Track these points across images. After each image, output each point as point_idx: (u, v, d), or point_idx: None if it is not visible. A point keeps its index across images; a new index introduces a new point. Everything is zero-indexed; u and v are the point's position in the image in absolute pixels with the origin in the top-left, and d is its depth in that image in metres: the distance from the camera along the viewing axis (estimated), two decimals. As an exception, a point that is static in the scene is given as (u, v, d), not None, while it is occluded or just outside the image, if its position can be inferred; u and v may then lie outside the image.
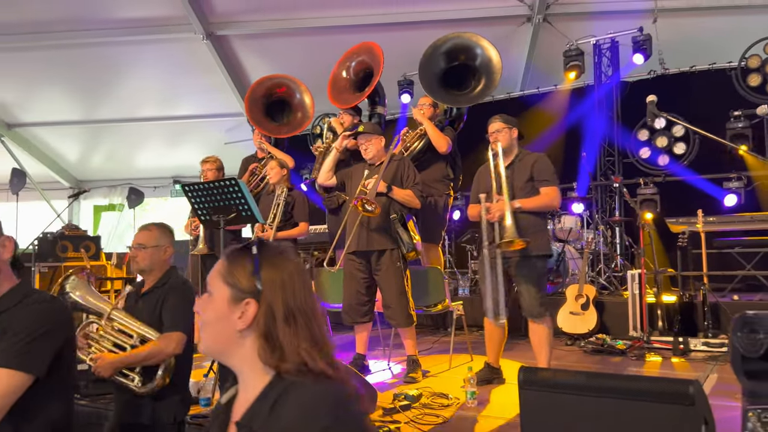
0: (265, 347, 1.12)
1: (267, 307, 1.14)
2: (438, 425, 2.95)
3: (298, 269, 1.21)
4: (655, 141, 7.13)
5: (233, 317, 1.14)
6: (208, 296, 1.20)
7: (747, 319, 1.30)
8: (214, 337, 1.17)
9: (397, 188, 4.01)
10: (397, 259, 4.01)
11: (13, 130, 10.26)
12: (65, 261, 6.37)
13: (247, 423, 1.10)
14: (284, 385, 1.10)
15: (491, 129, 3.75)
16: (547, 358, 3.60)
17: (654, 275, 5.14)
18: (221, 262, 1.21)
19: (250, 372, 1.16)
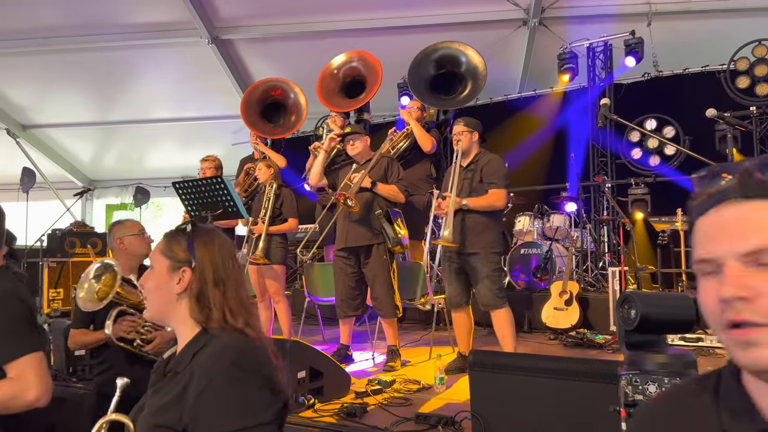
0: (195, 306, 1.37)
1: (200, 273, 1.39)
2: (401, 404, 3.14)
3: (226, 245, 1.46)
4: (646, 142, 7.25)
5: (172, 283, 1.39)
6: (150, 270, 1.45)
7: (626, 297, 1.48)
8: (157, 302, 1.41)
9: (381, 184, 4.22)
10: (383, 252, 4.20)
11: (28, 131, 10.62)
12: (72, 257, 6.64)
13: (173, 367, 1.34)
14: (207, 337, 1.34)
15: (454, 131, 3.99)
16: (512, 342, 3.78)
17: (635, 272, 5.28)
18: (161, 240, 1.47)
19: (183, 328, 1.39)
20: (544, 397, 2.37)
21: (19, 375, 1.73)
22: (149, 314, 1.45)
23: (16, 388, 1.71)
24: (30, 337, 1.80)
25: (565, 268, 5.66)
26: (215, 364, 1.26)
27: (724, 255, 0.73)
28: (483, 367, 2.54)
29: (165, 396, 1.29)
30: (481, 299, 3.83)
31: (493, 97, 8.62)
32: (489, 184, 3.84)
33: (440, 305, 4.67)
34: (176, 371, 1.32)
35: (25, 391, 1.71)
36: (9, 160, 10.48)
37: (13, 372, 1.73)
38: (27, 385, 1.72)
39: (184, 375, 1.28)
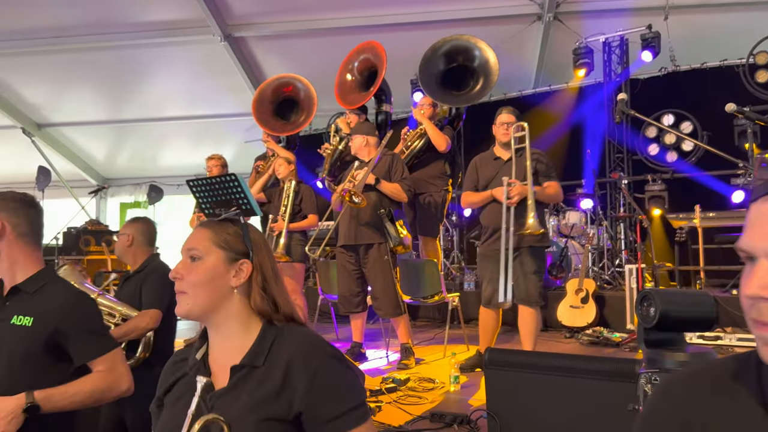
0: (262, 299, 1.32)
1: (259, 266, 1.34)
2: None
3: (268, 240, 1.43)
4: (663, 138, 7.15)
5: (228, 276, 1.32)
6: (192, 261, 1.34)
7: (645, 294, 1.44)
8: (207, 296, 1.32)
9: (384, 182, 4.18)
10: (384, 252, 4.16)
11: (43, 129, 10.70)
12: (88, 254, 6.69)
13: (249, 362, 1.28)
14: (276, 329, 1.32)
15: (503, 120, 3.89)
16: (534, 342, 3.73)
17: (652, 270, 5.21)
18: (205, 231, 1.37)
19: (235, 324, 1.33)
20: (560, 395, 2.33)
21: (111, 367, 1.86)
22: (186, 308, 1.33)
23: (112, 379, 1.85)
24: (110, 334, 1.96)
25: (581, 266, 5.59)
26: (319, 351, 1.26)
27: (757, 249, 0.71)
28: (499, 366, 2.50)
29: (257, 391, 1.25)
30: (526, 294, 3.70)
31: (507, 93, 8.56)
32: (547, 177, 3.78)
33: (454, 303, 4.63)
34: (253, 365, 1.28)
35: (118, 382, 1.85)
36: (25, 159, 10.57)
37: (103, 365, 1.85)
38: (120, 376, 1.86)
39: (274, 367, 1.26)
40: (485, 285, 3.88)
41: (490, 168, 3.86)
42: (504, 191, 3.64)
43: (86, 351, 1.84)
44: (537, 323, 3.78)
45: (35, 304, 1.83)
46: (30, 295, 1.85)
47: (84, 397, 1.78)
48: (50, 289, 1.88)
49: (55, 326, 1.80)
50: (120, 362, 1.89)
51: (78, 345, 1.83)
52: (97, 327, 1.91)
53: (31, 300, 1.84)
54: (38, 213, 1.97)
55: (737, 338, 4.50)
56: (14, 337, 1.79)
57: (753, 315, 0.71)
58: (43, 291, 1.86)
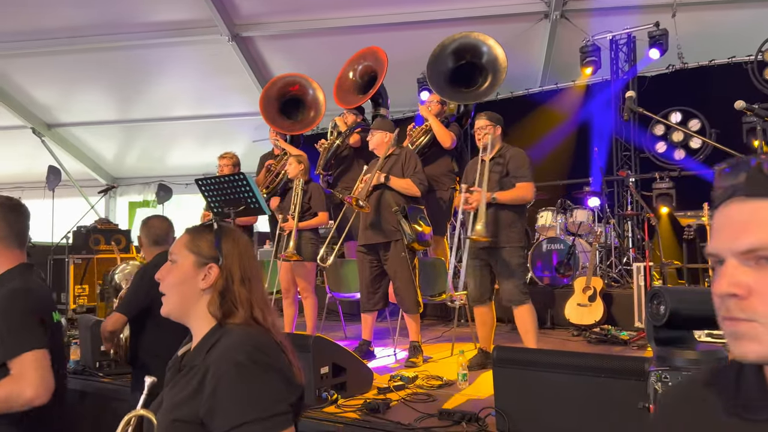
0: (217, 302, 1.38)
1: (227, 271, 1.40)
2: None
3: (249, 244, 1.49)
4: (670, 136, 7.13)
5: (197, 279, 1.40)
6: (171, 264, 1.44)
7: (656, 292, 1.45)
8: (179, 297, 1.41)
9: (395, 178, 4.19)
10: (401, 249, 4.18)
11: (53, 129, 10.79)
12: (97, 253, 6.73)
13: (190, 362, 1.35)
14: (221, 332, 1.35)
15: (477, 125, 3.99)
16: (534, 338, 3.75)
17: (660, 268, 5.20)
18: (184, 236, 1.47)
19: (201, 324, 1.40)
20: (569, 393, 2.34)
21: (20, 373, 1.72)
22: (167, 309, 1.43)
23: (16, 387, 1.71)
24: (34, 334, 1.79)
25: (589, 264, 5.59)
26: (230, 358, 1.27)
27: (724, 251, 0.76)
28: (507, 364, 2.51)
29: (181, 391, 1.30)
30: (506, 295, 3.81)
31: (514, 92, 8.55)
32: (516, 178, 3.82)
33: (462, 301, 4.64)
34: (191, 366, 1.33)
35: (23, 390, 1.70)
36: (35, 159, 10.67)
37: (15, 369, 1.74)
38: (25, 384, 1.71)
39: (199, 369, 1.30)
40: (469, 282, 4.01)
41: (475, 170, 3.94)
42: (463, 197, 3.80)
43: (1, 351, 1.75)
44: (532, 319, 3.81)
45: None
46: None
47: None
48: (2, 286, 1.86)
49: None
50: (30, 368, 1.72)
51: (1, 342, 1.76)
52: (13, 326, 1.77)
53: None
54: (20, 216, 1.97)
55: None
56: None
57: (723, 312, 0.76)
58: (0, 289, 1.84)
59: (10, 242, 1.93)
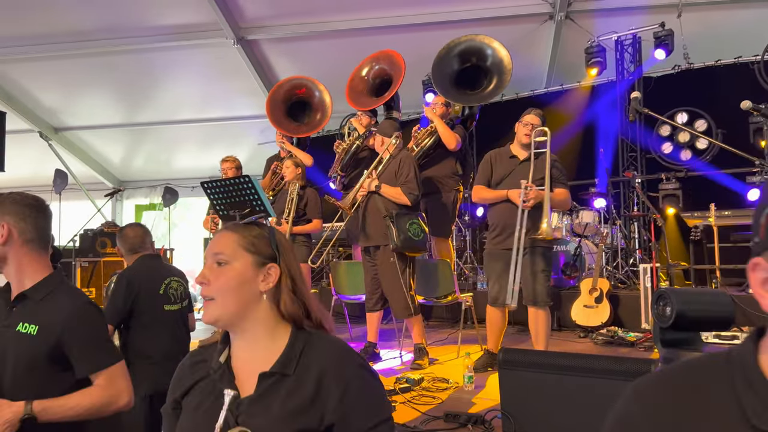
0: (292, 304, 1.30)
1: (287, 270, 1.32)
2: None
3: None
4: (677, 136, 7.10)
5: (257, 280, 1.29)
6: (220, 266, 1.30)
7: (662, 294, 1.44)
8: (236, 302, 1.28)
9: (386, 186, 4.22)
10: (390, 254, 4.18)
11: (60, 133, 10.83)
12: (104, 256, 6.76)
13: (279, 370, 1.25)
14: (306, 335, 1.29)
15: (531, 120, 3.88)
16: (546, 342, 3.74)
17: (667, 269, 5.18)
18: (233, 234, 1.32)
19: (262, 329, 1.30)
20: (575, 395, 2.33)
21: (111, 382, 1.82)
22: (215, 315, 1.29)
23: (111, 394, 1.81)
24: (114, 347, 1.93)
25: (595, 265, 5.57)
26: (351, 361, 1.26)
27: None
28: (513, 365, 2.51)
29: (288, 401, 1.21)
30: (535, 294, 3.73)
31: (519, 93, 8.54)
32: (558, 184, 3.80)
33: (468, 303, 4.64)
34: (282, 374, 1.25)
35: (118, 397, 1.81)
36: (42, 162, 10.71)
37: (103, 380, 1.81)
38: (120, 391, 1.82)
39: (305, 376, 1.23)
40: (491, 284, 3.93)
41: (505, 166, 3.88)
42: (521, 193, 3.66)
43: (87, 364, 1.80)
44: (548, 323, 3.80)
45: (41, 313, 1.80)
46: (36, 302, 1.82)
47: (82, 411, 1.75)
48: (57, 297, 1.84)
49: (58, 336, 1.77)
50: (120, 377, 1.84)
51: (79, 357, 1.80)
52: (99, 340, 1.86)
53: (37, 308, 1.81)
54: (46, 218, 1.92)
55: None
56: (19, 345, 1.78)
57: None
58: (50, 299, 1.83)
59: (39, 246, 1.88)
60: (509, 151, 3.94)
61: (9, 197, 1.87)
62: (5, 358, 1.78)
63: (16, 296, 1.85)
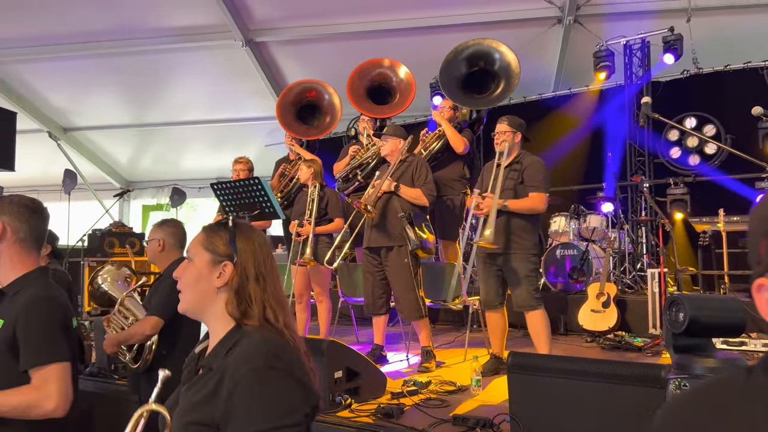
0: (234, 301, 1.37)
1: (241, 268, 1.40)
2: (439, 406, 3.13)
3: (266, 242, 1.48)
4: (685, 141, 7.09)
5: (212, 277, 1.40)
6: (188, 262, 1.45)
7: (674, 300, 1.44)
8: (194, 295, 1.41)
9: (405, 187, 4.21)
10: (404, 255, 4.18)
11: (68, 133, 10.91)
12: (112, 256, 6.79)
13: (208, 363, 1.34)
14: (240, 333, 1.35)
15: (497, 129, 3.94)
16: (547, 344, 3.73)
17: (675, 274, 5.17)
18: (200, 234, 1.47)
19: (218, 324, 1.40)
20: (584, 400, 2.33)
21: (42, 384, 1.75)
22: (183, 307, 1.43)
23: (36, 397, 1.74)
24: (59, 346, 1.82)
25: (602, 270, 5.56)
26: (248, 363, 1.26)
27: None
28: (522, 369, 2.51)
29: (198, 393, 1.29)
30: (517, 300, 3.79)
31: (527, 96, 8.54)
32: (530, 188, 3.78)
33: (475, 306, 4.64)
34: (209, 367, 1.32)
35: (43, 401, 1.74)
36: (51, 162, 10.79)
37: (37, 379, 1.76)
38: (47, 395, 1.74)
39: (217, 372, 1.29)
40: (481, 287, 3.99)
41: (491, 173, 3.92)
42: (474, 202, 3.75)
43: (25, 358, 1.77)
44: (544, 324, 3.78)
45: (9, 307, 1.84)
46: (9, 298, 1.87)
47: (8, 409, 1.72)
48: (25, 291, 1.87)
49: (13, 329, 1.79)
50: (53, 379, 1.75)
51: (22, 349, 1.78)
52: (44, 336, 1.80)
53: (9, 303, 1.86)
54: (42, 219, 1.98)
55: (762, 344, 4.44)
56: None
57: None
58: (20, 294, 1.87)
59: (30, 245, 1.94)
60: (496, 161, 3.98)
61: (7, 199, 1.95)
62: None
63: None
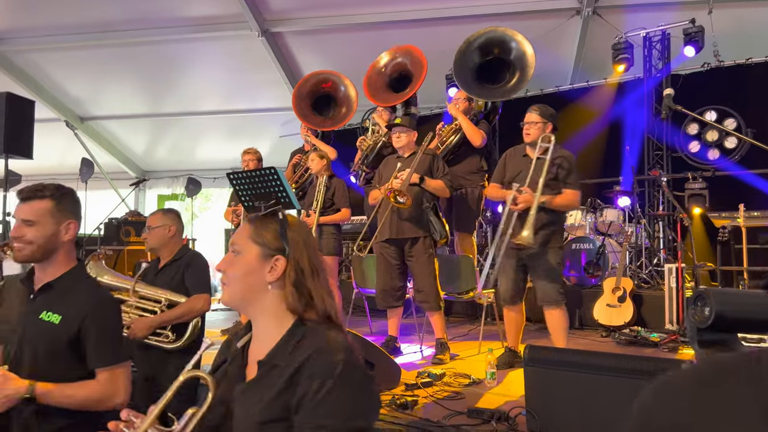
0: (294, 296, 1.33)
1: (295, 262, 1.35)
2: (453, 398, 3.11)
3: (312, 235, 1.45)
4: (704, 135, 6.98)
5: (263, 271, 1.35)
6: (234, 255, 1.39)
7: (700, 294, 1.41)
8: (243, 290, 1.36)
9: (429, 179, 4.20)
10: (429, 246, 4.19)
11: (85, 123, 10.98)
12: (128, 245, 6.84)
13: (270, 360, 1.30)
14: (305, 329, 1.32)
15: (527, 119, 3.83)
16: (565, 341, 3.70)
17: (692, 269, 5.10)
18: (247, 226, 1.41)
19: (270, 319, 1.36)
20: (602, 395, 2.30)
21: (111, 381, 1.85)
22: (227, 299, 1.38)
23: (107, 393, 1.84)
24: (123, 348, 1.95)
25: (619, 264, 5.51)
26: (327, 357, 1.23)
27: None
28: (539, 363, 2.49)
29: (267, 391, 1.25)
30: (543, 295, 3.70)
31: (543, 89, 8.45)
32: (566, 184, 3.71)
33: (489, 299, 4.62)
34: (273, 364, 1.28)
35: (113, 397, 1.84)
36: (68, 151, 10.87)
37: (105, 376, 1.85)
38: (116, 392, 1.85)
39: (286, 368, 1.25)
40: (501, 282, 3.90)
41: (518, 164, 3.84)
42: (511, 196, 3.65)
43: (96, 358, 1.85)
44: (564, 322, 3.74)
45: (65, 303, 1.87)
46: (61, 293, 1.90)
47: (77, 401, 1.79)
48: (81, 288, 1.93)
49: (79, 326, 1.84)
50: (122, 377, 1.87)
51: (90, 349, 1.85)
52: (113, 337, 1.91)
53: (62, 298, 1.89)
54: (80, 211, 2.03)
55: (782, 340, 4.38)
56: (41, 332, 1.85)
57: None
58: (75, 290, 1.90)
59: (72, 240, 1.98)
60: (523, 150, 3.90)
61: (71, 195, 1.98)
62: (25, 342, 1.86)
63: (42, 286, 1.92)
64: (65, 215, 1.94)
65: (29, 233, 1.87)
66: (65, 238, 1.93)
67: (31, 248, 1.88)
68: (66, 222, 1.93)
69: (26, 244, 1.87)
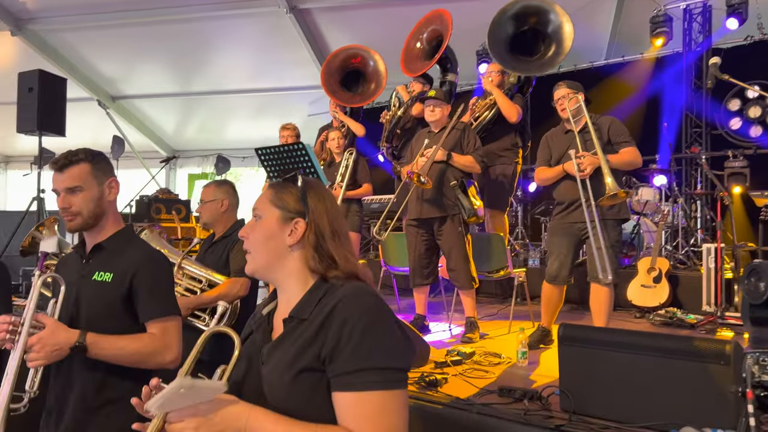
0: (316, 258, 1.32)
1: (315, 225, 1.34)
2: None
3: (335, 201, 1.42)
4: (747, 111, 6.72)
5: (284, 234, 1.34)
6: (255, 220, 1.39)
7: (754, 268, 1.32)
8: (265, 254, 1.36)
9: (457, 155, 4.10)
10: (458, 224, 4.11)
11: (117, 102, 11.09)
12: (159, 222, 6.90)
13: (295, 315, 1.29)
14: (329, 285, 1.31)
15: (557, 95, 3.78)
16: (606, 321, 3.60)
17: (732, 250, 4.94)
18: (268, 191, 1.41)
19: (294, 281, 1.35)
20: (639, 375, 2.22)
21: (163, 333, 1.84)
22: (252, 267, 1.37)
23: (159, 346, 1.82)
24: (175, 302, 1.94)
25: (654, 244, 5.36)
26: (357, 302, 1.23)
27: None
28: (574, 342, 2.41)
29: (294, 344, 1.25)
30: (598, 270, 3.52)
31: (577, 65, 8.23)
32: (622, 144, 3.63)
33: (521, 279, 4.54)
34: (300, 319, 1.28)
35: (165, 351, 1.82)
36: (100, 130, 10.99)
37: (157, 329, 1.84)
38: (168, 346, 1.83)
39: (314, 320, 1.25)
40: (552, 260, 3.80)
41: (562, 142, 3.76)
42: (574, 164, 3.53)
43: (146, 310, 1.85)
44: (610, 302, 3.64)
45: (116, 262, 1.88)
46: (111, 252, 1.91)
47: (127, 354, 1.78)
48: (131, 246, 1.95)
49: (130, 282, 1.84)
50: (173, 331, 1.86)
51: (141, 303, 1.85)
52: (163, 289, 1.90)
53: (112, 257, 1.90)
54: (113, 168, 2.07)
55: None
56: (95, 292, 1.86)
57: None
58: (123, 249, 1.92)
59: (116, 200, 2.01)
60: (564, 127, 3.81)
61: (102, 153, 2.00)
62: (80, 304, 1.86)
63: (93, 247, 1.94)
64: (106, 174, 1.95)
65: (76, 201, 1.87)
66: (110, 198, 1.94)
67: (81, 216, 1.88)
68: (107, 180, 1.95)
69: (75, 214, 1.87)
